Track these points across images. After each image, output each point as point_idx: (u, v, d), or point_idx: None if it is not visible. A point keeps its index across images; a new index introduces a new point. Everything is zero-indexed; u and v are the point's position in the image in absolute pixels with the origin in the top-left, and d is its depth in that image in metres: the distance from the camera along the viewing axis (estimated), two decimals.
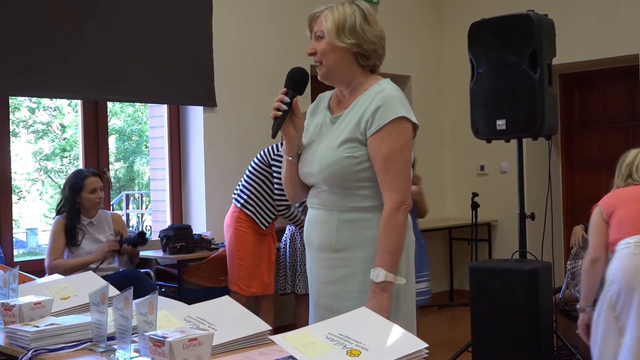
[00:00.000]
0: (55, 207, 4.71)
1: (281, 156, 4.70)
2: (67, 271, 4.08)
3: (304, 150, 2.48)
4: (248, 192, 4.89)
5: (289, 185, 2.54)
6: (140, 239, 4.63)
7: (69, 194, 4.46)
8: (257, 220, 4.88)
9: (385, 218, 2.28)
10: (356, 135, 2.33)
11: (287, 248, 5.27)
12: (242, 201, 4.92)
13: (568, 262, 5.06)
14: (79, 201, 4.46)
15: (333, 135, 2.40)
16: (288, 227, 5.34)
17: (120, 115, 11.97)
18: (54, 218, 4.53)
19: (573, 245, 5.04)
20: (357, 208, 2.35)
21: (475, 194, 5.87)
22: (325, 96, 2.58)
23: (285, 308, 5.76)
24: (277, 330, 1.90)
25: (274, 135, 2.40)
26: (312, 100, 2.61)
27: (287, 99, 2.41)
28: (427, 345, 1.71)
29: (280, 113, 2.40)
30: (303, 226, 2.68)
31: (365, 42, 2.38)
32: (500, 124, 4.52)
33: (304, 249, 5.43)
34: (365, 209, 2.34)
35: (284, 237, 5.36)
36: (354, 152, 2.33)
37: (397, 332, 1.78)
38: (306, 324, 2.37)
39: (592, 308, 3.62)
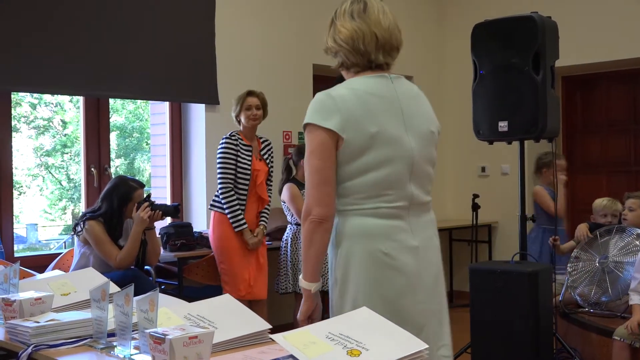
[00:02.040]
0: (53, 205, 4.64)
1: (224, 142, 4.77)
2: (131, 256, 4.28)
3: None
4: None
5: None
6: (174, 209, 4.56)
7: (117, 204, 4.34)
8: (228, 215, 4.83)
9: (302, 227, 2.30)
10: None
11: (288, 247, 5.26)
12: (211, 202, 4.97)
13: (568, 265, 5.06)
14: (123, 211, 4.39)
15: None
16: (289, 225, 5.34)
17: (121, 112, 11.96)
18: (81, 222, 4.34)
19: (577, 239, 5.04)
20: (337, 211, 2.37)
21: (476, 195, 5.85)
22: None
23: (286, 307, 5.76)
24: (277, 329, 1.89)
25: None
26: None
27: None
28: (427, 346, 1.70)
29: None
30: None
31: (327, 47, 2.41)
32: (503, 125, 4.52)
33: None
34: (337, 213, 2.36)
35: (284, 236, 5.35)
36: None
37: (398, 332, 1.78)
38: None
39: None
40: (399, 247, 2.28)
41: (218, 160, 4.84)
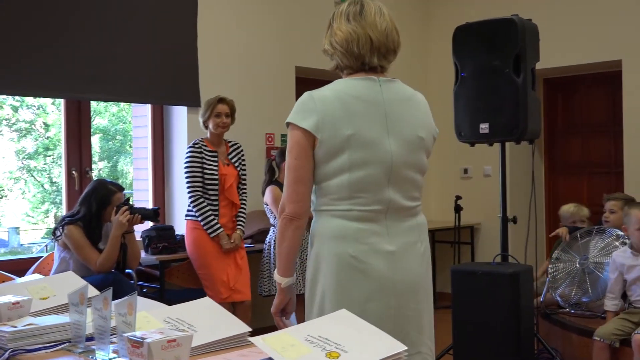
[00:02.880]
0: (34, 208, 4.61)
1: (189, 150, 4.82)
2: (112, 261, 4.26)
3: None
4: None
5: None
6: (154, 213, 4.56)
7: (95, 207, 4.32)
8: (202, 222, 4.84)
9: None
10: None
11: (271, 249, 5.26)
12: (186, 213, 4.97)
13: (549, 266, 5.09)
14: (102, 215, 4.37)
15: None
16: (272, 228, 5.33)
17: (104, 114, 11.91)
18: (60, 227, 4.31)
19: (559, 235, 5.06)
20: (314, 209, 2.40)
21: (458, 197, 5.87)
22: None
23: (268, 310, 5.73)
24: (261, 331, 1.89)
25: None
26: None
27: None
28: (406, 347, 1.71)
29: None
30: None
31: (324, 49, 2.42)
32: (484, 127, 4.54)
33: None
34: (315, 212, 2.40)
35: (267, 239, 5.35)
36: None
37: (376, 334, 1.78)
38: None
39: None
40: (369, 250, 2.28)
41: (185, 171, 4.87)
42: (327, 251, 2.30)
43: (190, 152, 4.87)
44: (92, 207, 4.32)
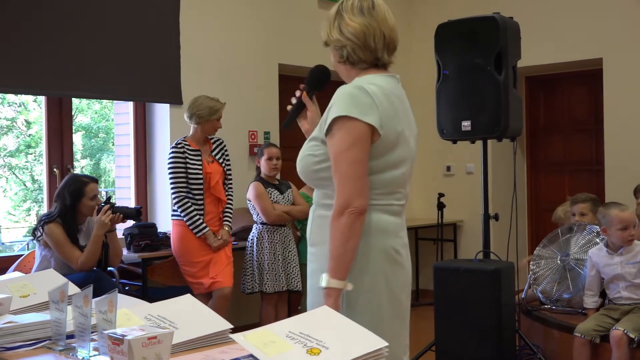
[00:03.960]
0: (16, 205, 4.57)
1: (172, 151, 4.81)
2: (93, 259, 4.25)
3: None
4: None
5: None
6: (136, 213, 4.53)
7: (69, 201, 4.28)
8: (187, 223, 4.83)
9: (330, 222, 2.23)
10: (318, 134, 2.31)
11: (254, 247, 5.25)
12: (171, 213, 4.98)
13: (531, 263, 5.12)
14: (78, 208, 4.33)
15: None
16: (255, 225, 5.33)
17: (86, 111, 11.85)
18: (39, 227, 4.28)
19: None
20: (325, 205, 2.32)
21: (441, 195, 5.90)
22: None
23: (252, 307, 5.75)
24: (244, 329, 1.89)
25: (284, 126, 2.56)
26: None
27: (298, 94, 2.50)
28: (387, 344, 1.71)
29: (291, 107, 2.51)
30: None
31: (331, 39, 2.37)
32: (466, 125, 4.56)
33: (271, 247, 5.43)
34: (328, 207, 2.29)
35: (250, 236, 5.34)
36: (315, 150, 2.31)
37: (357, 330, 1.79)
38: (272, 322, 2.37)
39: None
40: (402, 244, 2.38)
41: (168, 172, 4.86)
42: (375, 245, 2.28)
43: (172, 153, 4.85)
44: (66, 200, 4.29)
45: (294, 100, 2.51)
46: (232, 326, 2.01)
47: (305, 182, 2.44)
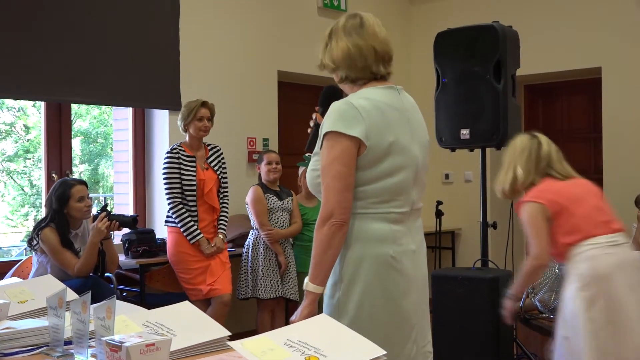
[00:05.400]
0: (15, 210, 4.56)
1: (167, 157, 4.82)
2: (89, 266, 4.23)
3: None
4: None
5: None
6: (132, 221, 4.51)
7: (56, 205, 4.27)
8: (181, 229, 4.83)
9: (314, 231, 2.34)
10: (318, 149, 2.40)
11: (250, 252, 5.25)
12: (165, 219, 4.97)
13: None
14: (67, 212, 4.30)
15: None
16: (251, 231, 5.33)
17: (85, 117, 11.85)
18: (35, 236, 4.26)
19: None
20: None
21: (439, 202, 5.90)
22: None
23: (247, 313, 5.74)
24: (239, 336, 1.89)
25: (306, 150, 2.57)
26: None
27: (314, 117, 2.57)
28: (385, 352, 1.71)
29: (311, 129, 2.58)
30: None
31: (325, 63, 2.47)
32: (464, 133, 4.57)
33: (266, 253, 5.42)
34: None
35: (246, 242, 5.34)
36: (317, 165, 2.39)
37: (355, 339, 1.79)
38: (268, 329, 2.38)
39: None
40: (403, 250, 2.40)
41: (163, 177, 4.85)
42: (369, 253, 2.35)
43: (167, 158, 4.84)
44: (53, 204, 4.28)
45: (311, 124, 2.57)
46: (230, 333, 2.01)
47: (314, 195, 2.51)
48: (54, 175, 5.19)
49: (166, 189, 4.82)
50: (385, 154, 2.34)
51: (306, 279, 2.33)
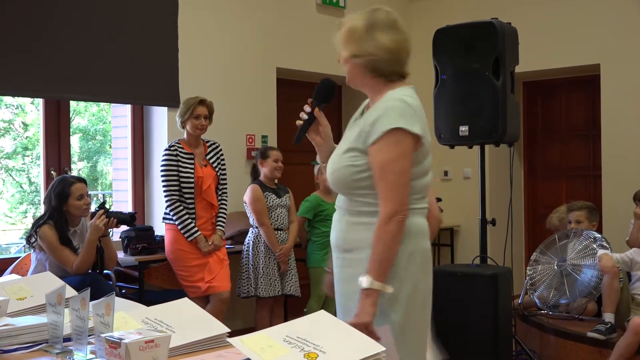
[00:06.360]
0: (16, 209, 4.56)
1: (165, 154, 4.82)
2: (88, 264, 4.23)
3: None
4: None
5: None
6: (130, 218, 4.51)
7: (55, 203, 4.26)
8: (179, 227, 4.82)
9: (377, 227, 2.31)
10: (357, 144, 2.39)
11: (250, 251, 5.25)
12: (163, 216, 4.97)
13: (528, 268, 5.13)
14: (66, 209, 4.30)
15: (342, 143, 2.48)
16: (251, 229, 5.33)
17: (84, 114, 11.84)
18: (33, 233, 4.26)
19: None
20: (361, 212, 2.40)
21: (438, 199, 5.91)
22: (364, 103, 2.61)
23: (247, 311, 5.74)
24: (239, 333, 1.89)
25: (295, 142, 2.53)
26: (340, 108, 2.65)
27: (308, 109, 2.50)
28: (384, 348, 1.71)
29: (301, 122, 2.51)
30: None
31: (364, 53, 2.42)
32: (463, 130, 4.57)
33: (267, 251, 5.41)
34: (368, 214, 2.38)
35: (246, 240, 5.34)
36: (355, 160, 2.38)
37: (355, 335, 1.79)
38: (267, 326, 2.37)
39: None
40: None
41: (161, 175, 4.84)
42: (418, 247, 2.41)
43: (166, 155, 4.84)
44: (52, 201, 4.28)
45: (304, 116, 2.52)
46: (229, 330, 2.01)
47: (340, 191, 2.47)
48: (52, 172, 5.19)
49: (164, 186, 4.82)
50: (428, 152, 2.44)
51: (364, 278, 2.28)
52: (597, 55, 6.64)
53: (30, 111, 10.80)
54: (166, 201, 4.82)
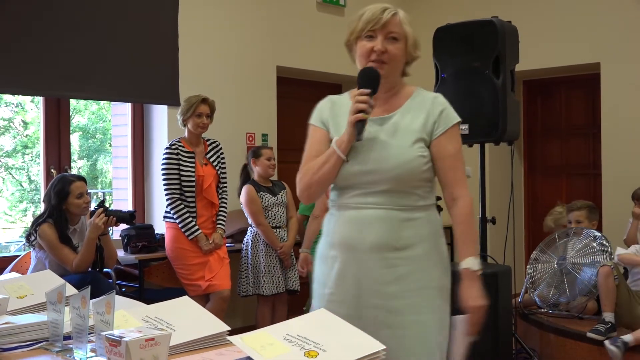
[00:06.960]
0: (14, 206, 4.56)
1: (165, 153, 4.81)
2: (87, 262, 4.24)
3: (354, 150, 2.36)
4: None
5: (327, 184, 2.43)
6: (130, 216, 4.51)
7: (55, 201, 4.27)
8: (180, 225, 4.82)
9: (465, 211, 2.45)
10: (423, 135, 2.39)
11: (249, 249, 5.25)
12: (164, 215, 4.96)
13: (528, 266, 5.13)
14: (66, 208, 4.30)
15: (398, 135, 2.37)
16: (250, 228, 5.32)
17: (84, 112, 11.83)
18: (33, 232, 4.26)
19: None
20: (413, 207, 2.39)
21: (438, 198, 5.90)
22: (341, 99, 2.51)
23: (248, 309, 5.74)
24: (239, 331, 1.89)
25: (360, 138, 2.31)
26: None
27: (372, 102, 2.32)
28: (384, 347, 1.71)
29: (367, 116, 2.30)
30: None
31: (412, 52, 2.56)
32: (463, 128, 4.56)
33: (267, 249, 5.39)
34: (419, 208, 2.40)
35: (245, 239, 5.34)
36: (424, 151, 2.39)
37: (355, 333, 1.79)
38: (268, 323, 2.37)
39: None
40: None
41: (162, 173, 4.84)
42: (444, 243, 2.52)
43: (166, 154, 4.84)
44: (52, 199, 4.28)
45: (365, 108, 2.29)
46: (229, 328, 2.01)
47: (400, 184, 2.35)
48: (52, 170, 5.19)
49: (165, 185, 4.82)
50: None
51: (473, 260, 2.44)
52: (597, 54, 6.63)
53: (30, 109, 10.79)
54: (167, 199, 4.82)
